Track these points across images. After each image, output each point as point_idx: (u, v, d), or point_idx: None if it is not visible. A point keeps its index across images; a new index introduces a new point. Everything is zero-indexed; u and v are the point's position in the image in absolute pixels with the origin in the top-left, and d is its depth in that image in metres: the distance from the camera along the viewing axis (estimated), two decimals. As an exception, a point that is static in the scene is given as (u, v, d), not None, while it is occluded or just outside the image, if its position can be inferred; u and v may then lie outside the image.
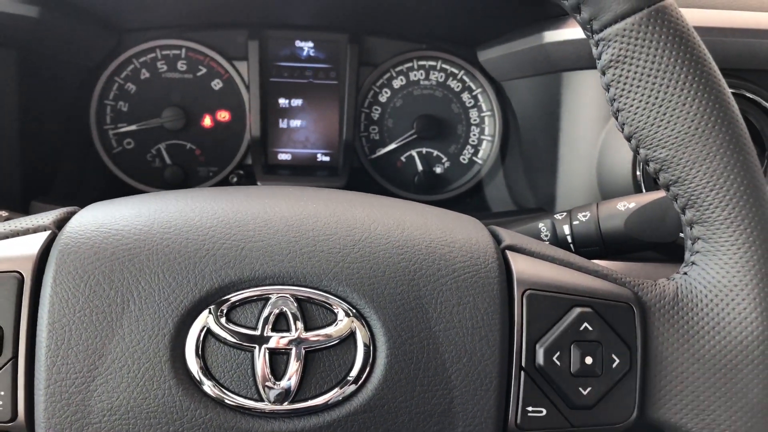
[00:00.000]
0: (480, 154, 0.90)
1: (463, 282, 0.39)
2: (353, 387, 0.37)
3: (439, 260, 0.39)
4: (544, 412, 0.39)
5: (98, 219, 0.39)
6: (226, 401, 0.36)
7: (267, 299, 0.37)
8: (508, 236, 0.43)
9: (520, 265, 0.41)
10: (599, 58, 0.41)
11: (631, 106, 0.40)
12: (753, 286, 0.40)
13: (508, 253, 0.41)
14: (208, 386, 0.36)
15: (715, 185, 0.39)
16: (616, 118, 0.41)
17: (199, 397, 0.36)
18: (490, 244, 0.41)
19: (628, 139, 0.41)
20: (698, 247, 0.41)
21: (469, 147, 0.90)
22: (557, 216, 0.58)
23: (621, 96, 0.40)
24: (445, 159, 0.91)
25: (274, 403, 0.36)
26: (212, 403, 0.36)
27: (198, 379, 0.36)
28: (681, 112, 0.39)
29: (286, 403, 0.36)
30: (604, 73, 0.41)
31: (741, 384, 0.40)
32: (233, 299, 0.37)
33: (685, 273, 0.42)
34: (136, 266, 0.37)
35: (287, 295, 0.37)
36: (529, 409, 0.39)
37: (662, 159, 0.40)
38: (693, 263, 0.42)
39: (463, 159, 0.91)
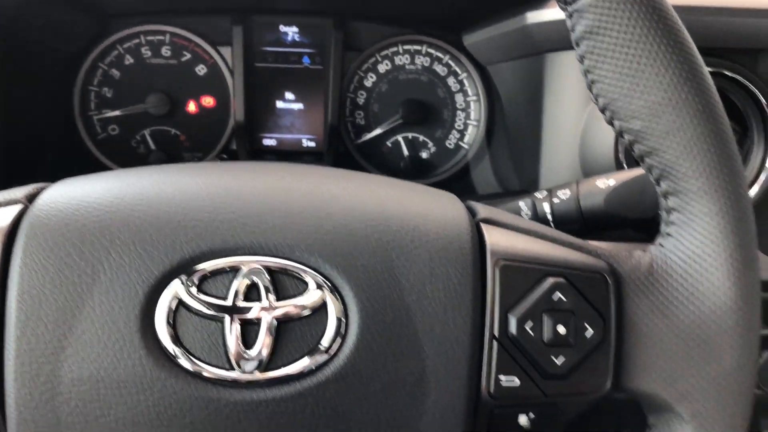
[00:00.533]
0: (466, 139, 0.90)
1: (436, 253, 0.39)
2: (325, 356, 0.37)
3: (413, 232, 0.39)
4: (518, 381, 0.39)
5: (70, 192, 0.39)
6: (197, 371, 0.36)
7: (238, 270, 0.37)
8: (483, 210, 0.43)
9: (494, 237, 0.41)
10: (573, 30, 0.40)
11: (605, 77, 0.40)
12: (726, 256, 0.40)
13: (483, 225, 0.41)
14: (178, 356, 0.36)
15: (688, 156, 0.39)
16: (591, 90, 0.41)
17: (169, 367, 0.36)
18: (465, 217, 0.41)
19: (603, 110, 0.41)
20: (673, 219, 0.41)
21: (455, 132, 0.90)
22: (537, 195, 0.58)
23: (595, 67, 0.40)
24: (431, 144, 0.91)
25: (245, 372, 0.36)
26: (183, 373, 0.36)
27: (169, 349, 0.36)
28: (654, 82, 0.39)
29: (258, 372, 0.36)
30: (578, 45, 0.41)
31: (714, 353, 0.40)
32: (204, 269, 0.37)
33: (660, 244, 0.42)
34: (106, 238, 0.37)
35: (258, 266, 0.37)
36: (502, 378, 0.39)
37: (636, 130, 0.40)
38: (668, 234, 0.42)
39: (449, 144, 0.91)
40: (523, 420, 0.40)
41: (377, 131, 0.89)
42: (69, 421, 0.35)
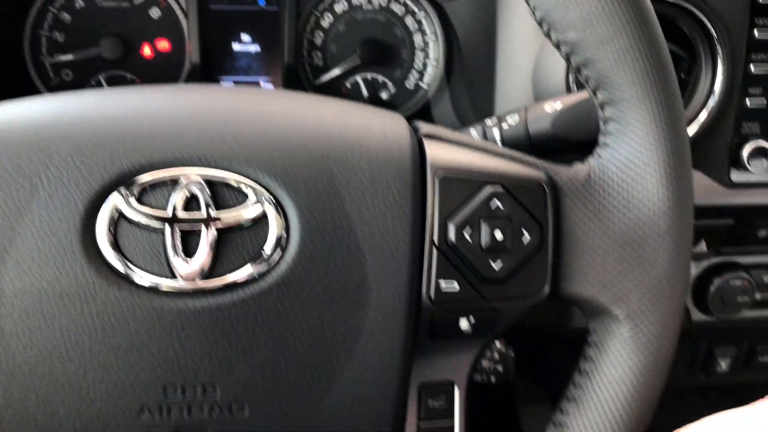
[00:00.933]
0: (425, 79, 0.90)
1: (377, 165, 0.39)
2: (266, 265, 0.37)
3: (353, 144, 0.39)
4: (457, 286, 0.40)
5: (8, 112, 0.39)
6: (138, 280, 0.36)
7: (177, 181, 0.37)
8: (426, 127, 0.44)
9: (434, 151, 0.41)
10: None
11: None
12: (660, 161, 0.41)
13: (425, 140, 0.42)
14: (120, 266, 0.36)
15: (622, 65, 0.40)
16: (528, 3, 0.42)
17: (111, 277, 0.36)
18: (406, 131, 0.42)
19: (540, 23, 0.42)
20: (610, 128, 0.42)
21: (414, 72, 0.90)
22: (488, 121, 0.59)
23: None
24: (390, 84, 0.90)
25: (186, 280, 0.37)
26: (125, 282, 0.37)
27: (110, 259, 0.36)
28: None
29: (199, 280, 0.37)
30: None
31: (649, 256, 0.41)
32: (143, 181, 0.37)
33: (598, 155, 0.43)
34: (44, 152, 0.37)
35: (198, 178, 0.37)
36: (442, 283, 0.40)
37: (572, 42, 0.41)
38: (605, 144, 0.43)
39: (409, 84, 0.90)
40: (463, 324, 0.41)
41: (335, 72, 0.88)
42: (13, 333, 0.36)
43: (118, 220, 0.37)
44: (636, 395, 0.42)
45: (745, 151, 0.65)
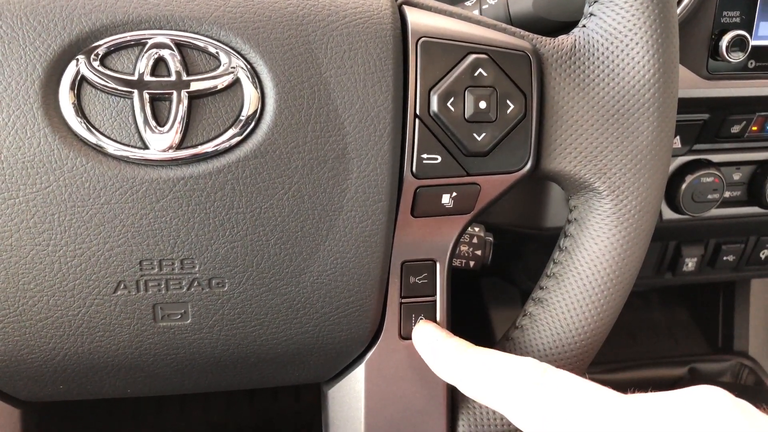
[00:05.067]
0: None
1: (355, 28, 0.37)
2: (242, 133, 0.36)
3: (330, 6, 0.37)
4: (440, 159, 0.39)
5: None
6: (108, 149, 0.35)
7: (144, 44, 0.35)
8: None
9: (416, 17, 0.39)
10: None
11: None
12: (646, 29, 0.39)
13: (405, 7, 0.40)
14: (86, 134, 0.34)
15: None
16: None
17: (78, 145, 0.34)
18: None
19: None
20: None
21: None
22: (467, 2, 0.57)
23: None
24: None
25: (158, 150, 0.35)
26: (93, 151, 0.35)
27: (74, 126, 0.34)
28: None
29: (172, 150, 0.35)
30: None
31: (632, 128, 0.41)
32: (107, 44, 0.34)
33: (584, 26, 0.42)
34: None
35: (165, 40, 0.35)
36: (425, 156, 0.39)
37: None
38: (591, 15, 0.41)
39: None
40: (445, 199, 0.40)
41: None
42: (-25, 204, 0.34)
43: (81, 84, 0.34)
44: (616, 269, 0.42)
45: (724, 42, 0.64)
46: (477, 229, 0.51)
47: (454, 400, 0.44)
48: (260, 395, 1.11)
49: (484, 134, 0.39)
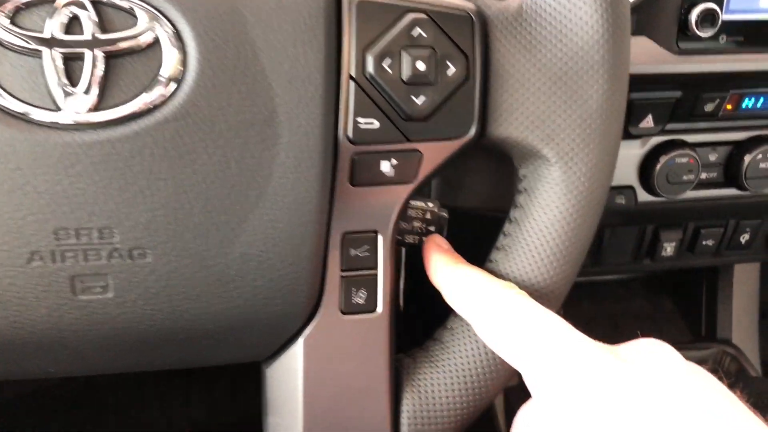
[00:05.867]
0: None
1: None
2: (162, 94, 0.34)
3: None
4: (377, 123, 0.37)
5: None
6: (18, 111, 0.33)
7: (56, 1, 0.33)
8: None
9: None
10: None
11: None
12: None
13: None
14: None
15: None
16: None
17: None
18: None
19: None
20: None
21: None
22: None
23: None
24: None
25: (72, 112, 0.33)
26: (1, 114, 0.33)
27: None
28: None
29: (86, 112, 0.33)
30: None
31: (581, 91, 0.39)
32: (17, 1, 0.33)
33: None
34: None
35: (79, -5, 0.33)
36: (361, 120, 0.37)
37: None
38: None
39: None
40: (385, 167, 0.38)
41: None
42: None
43: (-11, 42, 0.33)
44: (566, 240, 0.40)
45: (694, 15, 0.62)
46: (431, 204, 0.49)
47: (399, 379, 0.42)
48: (242, 392, 1.09)
49: (423, 97, 0.37)
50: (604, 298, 1.07)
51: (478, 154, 0.72)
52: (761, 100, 0.71)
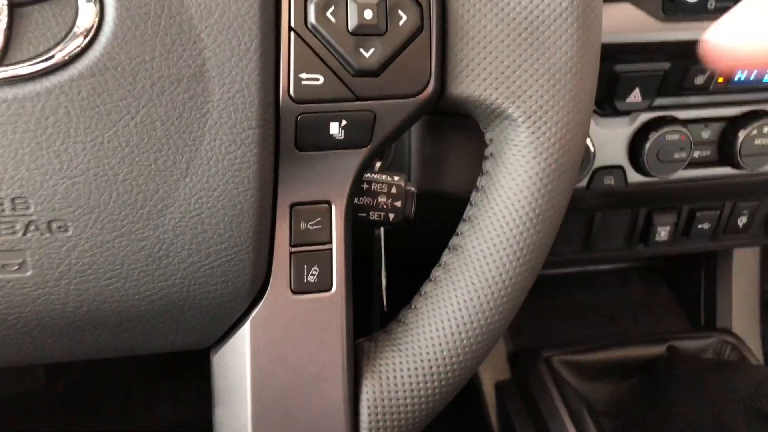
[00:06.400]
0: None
1: None
2: (78, 46, 0.30)
3: None
4: (322, 79, 0.34)
5: None
6: None
7: None
8: None
9: None
10: None
11: None
12: None
13: None
14: None
15: None
16: None
17: None
18: None
19: None
20: None
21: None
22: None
23: None
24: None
25: (-26, 67, 0.30)
26: None
27: None
28: None
29: (-9, 67, 0.30)
30: None
31: (548, 42, 0.35)
32: None
33: None
34: None
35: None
36: (303, 76, 0.33)
37: None
38: None
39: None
40: (334, 129, 0.35)
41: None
42: None
43: None
44: (536, 207, 0.37)
45: (680, -22, 0.59)
46: (397, 178, 0.45)
47: (359, 365, 0.38)
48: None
49: (372, 49, 0.34)
50: (597, 287, 1.04)
51: (456, 131, 0.68)
52: (755, 71, 0.67)
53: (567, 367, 0.90)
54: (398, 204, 0.45)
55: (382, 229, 0.72)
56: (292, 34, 0.33)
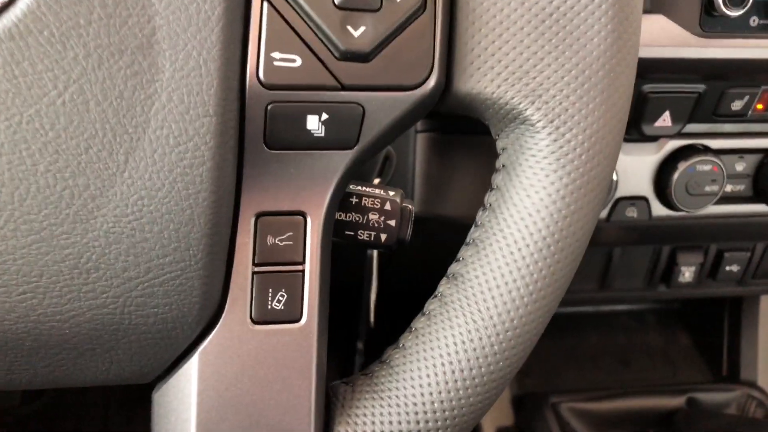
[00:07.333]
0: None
1: None
2: (-7, 3, 0.25)
3: None
4: (299, 61, 0.27)
5: None
6: None
7: None
8: None
9: None
10: None
11: None
12: None
13: None
14: None
15: None
16: None
17: None
18: None
19: None
20: None
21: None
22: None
23: None
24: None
25: None
26: None
27: None
28: None
29: None
30: None
31: (577, 32, 0.29)
32: None
33: None
34: None
35: None
36: (277, 56, 0.27)
37: None
38: None
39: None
40: (313, 123, 0.29)
41: None
42: None
43: None
44: (556, 231, 0.30)
45: (721, -9, 0.53)
46: (392, 193, 0.39)
47: (331, 413, 0.32)
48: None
49: (363, 28, 0.28)
50: (613, 330, 0.97)
51: (467, 152, 0.62)
52: (798, 100, 0.61)
53: (576, 415, 0.83)
54: (392, 223, 0.38)
55: (375, 251, 0.65)
56: (265, 3, 0.27)
